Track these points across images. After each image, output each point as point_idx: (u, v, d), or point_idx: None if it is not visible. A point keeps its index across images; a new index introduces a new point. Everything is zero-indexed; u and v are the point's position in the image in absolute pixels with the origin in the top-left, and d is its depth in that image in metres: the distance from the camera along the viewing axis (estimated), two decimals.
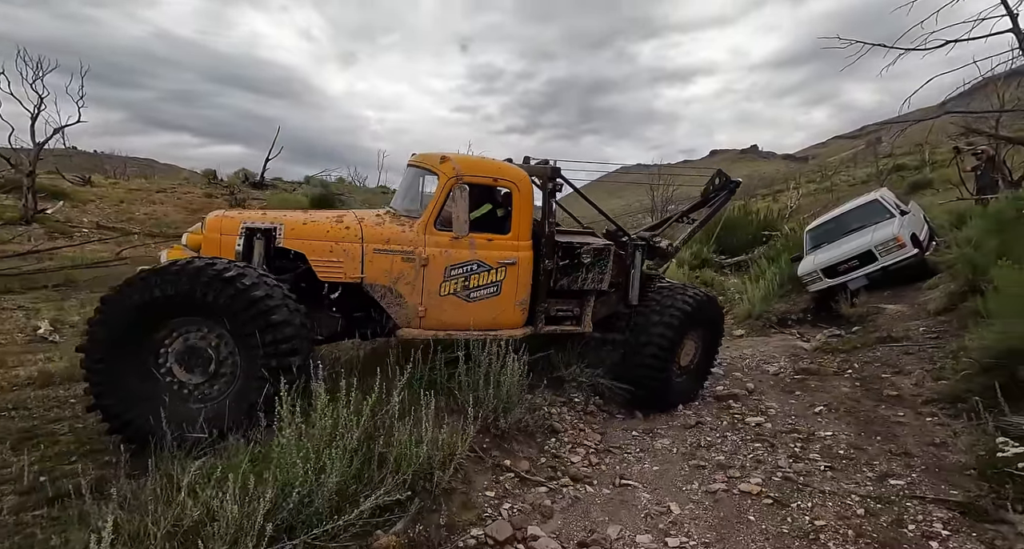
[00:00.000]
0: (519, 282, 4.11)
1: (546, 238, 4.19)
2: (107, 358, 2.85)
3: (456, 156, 4.09)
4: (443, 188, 3.87)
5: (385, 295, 3.74)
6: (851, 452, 3.67)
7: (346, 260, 3.64)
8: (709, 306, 4.92)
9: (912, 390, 4.79)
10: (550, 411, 4.17)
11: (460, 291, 3.91)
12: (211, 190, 23.78)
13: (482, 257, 3.95)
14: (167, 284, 2.88)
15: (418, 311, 3.82)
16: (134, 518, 2.04)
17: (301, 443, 2.36)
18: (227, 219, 3.64)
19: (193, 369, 3.05)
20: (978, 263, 6.52)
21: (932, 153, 27.40)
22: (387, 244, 3.75)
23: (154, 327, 2.98)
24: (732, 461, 3.66)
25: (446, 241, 3.86)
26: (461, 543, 2.58)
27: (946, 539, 2.63)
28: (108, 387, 2.85)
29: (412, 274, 3.77)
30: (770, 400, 4.92)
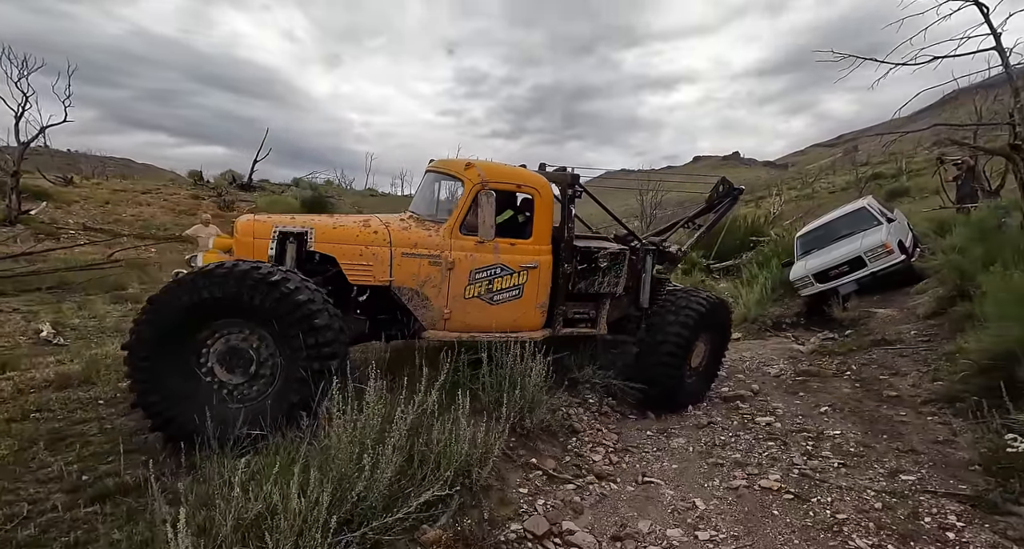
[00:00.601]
0: (540, 285, 4.22)
1: (565, 243, 4.30)
2: (152, 357, 2.86)
3: (480, 163, 4.18)
4: (469, 194, 3.95)
5: (412, 298, 3.80)
6: (861, 450, 3.83)
7: (375, 264, 3.70)
8: (720, 309, 5.08)
9: (910, 391, 4.99)
10: (568, 412, 4.26)
11: (484, 294, 3.99)
12: (197, 192, 23.47)
13: (505, 261, 4.04)
14: (214, 286, 2.90)
15: (443, 313, 3.88)
16: (198, 512, 2.07)
17: (355, 439, 2.41)
18: (259, 223, 3.66)
19: (234, 369, 3.07)
20: (965, 269, 6.81)
21: (908, 162, 28.35)
22: (415, 248, 3.81)
23: (198, 328, 3.00)
24: (748, 459, 3.79)
25: (471, 245, 3.94)
26: (503, 537, 2.65)
27: (961, 530, 2.78)
28: (152, 385, 2.86)
29: (438, 277, 3.84)
30: (776, 401, 5.08)
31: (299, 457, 2.34)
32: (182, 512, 1.89)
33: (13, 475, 2.67)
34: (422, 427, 2.91)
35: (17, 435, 3.13)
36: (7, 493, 2.49)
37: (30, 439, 3.08)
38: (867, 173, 28.75)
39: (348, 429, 2.46)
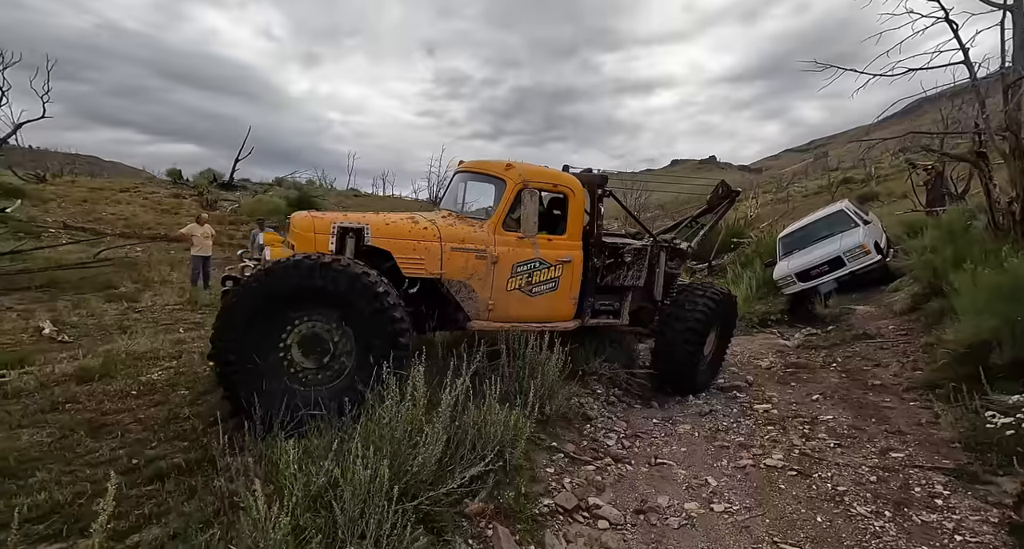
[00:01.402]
0: (573, 278, 4.48)
1: (595, 239, 4.59)
2: (240, 337, 2.98)
3: (518, 164, 4.44)
4: (511, 193, 4.19)
5: (460, 290, 4.00)
6: (853, 432, 4.14)
7: (427, 257, 3.86)
8: (729, 302, 5.43)
9: (893, 380, 5.36)
10: (581, 401, 4.46)
11: (524, 286, 4.24)
12: (178, 190, 23.00)
13: (543, 255, 4.30)
14: (303, 276, 3.06)
15: (488, 305, 4.10)
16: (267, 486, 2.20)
17: (407, 419, 2.57)
18: (318, 219, 3.79)
19: (311, 355, 3.22)
20: (937, 268, 7.28)
21: (877, 168, 29.53)
22: (462, 243, 4.01)
23: (284, 313, 3.14)
24: (751, 442, 4.06)
25: (513, 240, 4.18)
26: (536, 510, 2.84)
27: (947, 497, 3.08)
28: (238, 366, 2.98)
29: (484, 271, 4.05)
30: (770, 391, 5.38)
31: (355, 435, 2.48)
32: (257, 483, 2.03)
33: (64, 459, 2.74)
34: (457, 411, 3.09)
35: (54, 424, 3.18)
36: (64, 475, 2.56)
37: (68, 428, 3.14)
38: (838, 178, 29.81)
39: (401, 410, 2.61)
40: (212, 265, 9.98)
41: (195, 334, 5.99)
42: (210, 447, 2.89)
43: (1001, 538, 2.67)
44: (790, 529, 2.83)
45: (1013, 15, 6.68)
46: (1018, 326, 4.23)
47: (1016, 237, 6.58)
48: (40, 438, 2.98)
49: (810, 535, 2.77)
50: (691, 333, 4.92)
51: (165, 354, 4.91)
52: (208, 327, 6.48)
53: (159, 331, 5.92)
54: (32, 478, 2.51)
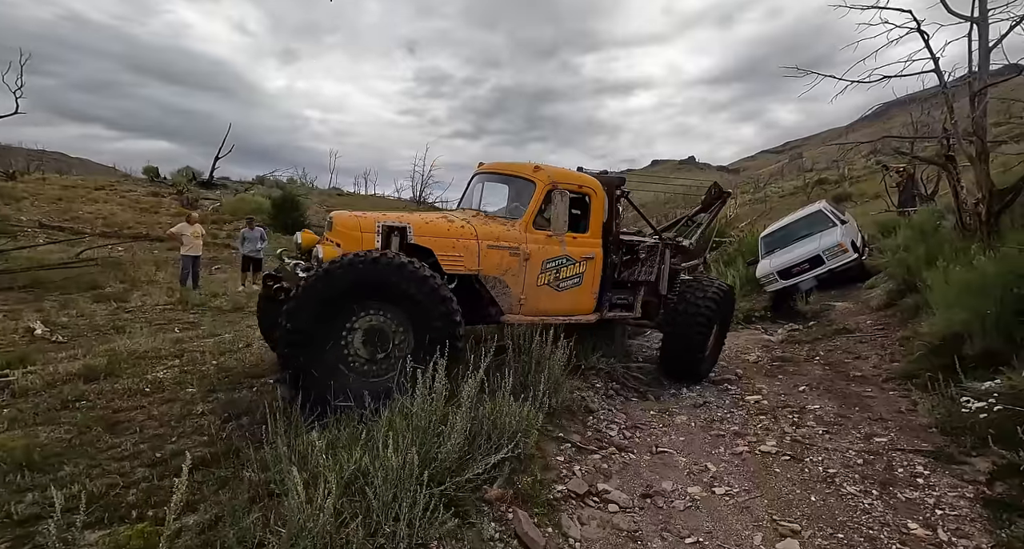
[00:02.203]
0: (595, 274, 4.77)
1: (613, 236, 4.91)
2: (308, 328, 3.10)
3: (545, 166, 4.70)
4: (540, 193, 4.44)
5: (495, 285, 4.19)
6: (839, 419, 4.38)
7: (466, 255, 4.04)
8: (730, 295, 5.77)
9: (873, 371, 5.66)
10: (583, 394, 4.62)
11: (552, 282, 4.48)
12: (156, 189, 22.48)
13: (570, 252, 4.57)
14: (369, 272, 3.24)
15: (520, 299, 4.32)
16: (302, 472, 2.29)
17: (431, 410, 2.68)
18: (363, 219, 3.93)
19: (372, 347, 3.38)
20: (910, 265, 7.67)
21: (850, 169, 30.52)
22: (497, 241, 4.21)
23: (353, 305, 3.29)
24: (745, 430, 4.27)
25: (543, 238, 4.42)
26: (551, 496, 2.97)
27: (928, 476, 3.32)
28: (306, 353, 3.09)
29: (517, 267, 4.27)
30: (759, 383, 5.62)
31: (382, 425, 2.58)
32: (295, 470, 2.12)
33: (88, 454, 2.77)
34: (472, 403, 3.21)
35: (69, 422, 3.19)
36: (92, 468, 2.60)
37: (84, 425, 3.16)
38: (813, 179, 30.68)
39: (428, 401, 2.72)
40: (201, 265, 9.85)
41: (192, 333, 5.97)
42: (231, 441, 2.96)
43: (977, 511, 2.91)
44: (788, 508, 3.03)
45: (979, 27, 7.08)
46: (987, 319, 4.54)
47: (983, 236, 6.97)
48: (58, 435, 2.99)
49: (806, 513, 2.97)
50: (699, 325, 5.21)
51: (167, 353, 4.91)
52: (204, 327, 6.47)
53: (155, 331, 5.88)
54: (60, 472, 2.54)
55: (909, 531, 2.75)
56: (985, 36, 7.00)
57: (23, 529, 2.06)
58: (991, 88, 7.24)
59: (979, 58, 7.05)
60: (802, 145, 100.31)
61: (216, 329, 6.22)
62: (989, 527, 2.73)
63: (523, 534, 2.59)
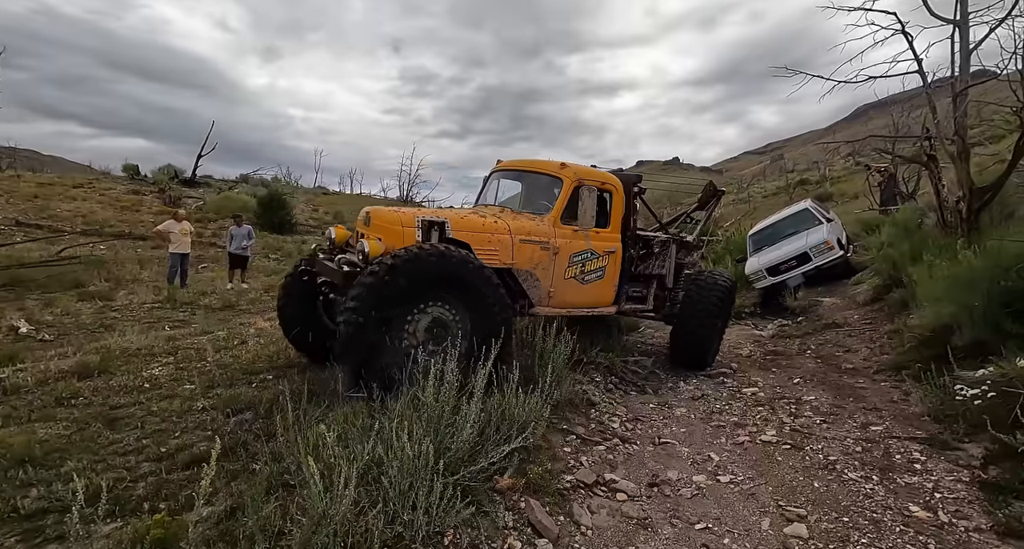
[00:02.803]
0: (616, 267, 4.98)
1: (631, 231, 5.13)
2: (372, 318, 3.14)
3: (571, 164, 4.85)
4: (568, 190, 4.60)
5: (527, 279, 4.29)
6: (835, 410, 4.48)
7: (500, 248, 4.14)
8: (734, 288, 6.10)
9: (863, 364, 5.79)
10: (584, 388, 4.65)
11: (578, 275, 4.65)
12: (137, 186, 21.97)
13: (594, 247, 4.75)
14: (434, 264, 3.35)
15: (548, 292, 4.45)
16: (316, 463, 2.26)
17: (444, 400, 2.67)
18: (403, 214, 4.01)
19: (434, 336, 3.48)
20: (896, 261, 7.87)
21: (830, 169, 31.19)
22: (529, 235, 4.32)
23: (416, 298, 3.38)
24: (745, 421, 4.33)
25: (570, 233, 4.58)
26: (559, 485, 2.98)
27: (925, 462, 3.41)
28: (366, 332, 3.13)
29: (547, 261, 4.40)
30: (754, 376, 5.71)
31: (394, 416, 2.56)
32: (311, 461, 2.09)
33: (90, 450, 2.70)
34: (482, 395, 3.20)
35: (66, 418, 3.10)
36: (96, 463, 2.53)
37: (83, 421, 3.07)
38: (795, 179, 31.27)
39: (441, 392, 2.71)
40: (189, 263, 9.66)
41: (185, 331, 5.85)
42: (237, 434, 2.91)
43: (974, 494, 3.00)
44: (792, 494, 3.08)
45: (960, 29, 7.29)
46: (975, 311, 4.68)
47: (964, 232, 7.19)
48: (57, 431, 2.91)
49: (810, 498, 3.03)
50: (712, 316, 5.46)
51: (160, 351, 4.80)
52: (196, 324, 6.34)
53: (146, 329, 5.75)
54: (63, 467, 2.47)
55: (911, 514, 2.82)
56: (966, 38, 7.22)
57: (31, 523, 2.00)
58: (971, 89, 7.48)
59: (960, 60, 7.27)
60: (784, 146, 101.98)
61: (208, 327, 6.11)
62: (987, 508, 2.81)
63: (536, 522, 2.60)
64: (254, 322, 6.63)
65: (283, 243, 17.17)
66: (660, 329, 7.95)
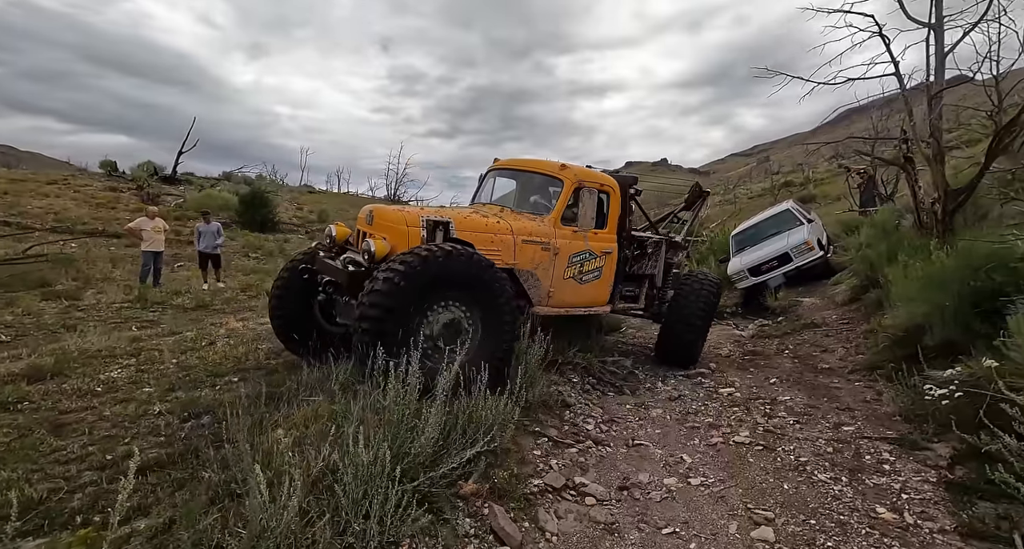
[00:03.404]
0: (612, 267, 5.06)
1: (626, 232, 5.21)
2: (393, 315, 3.14)
3: (571, 165, 4.91)
4: (568, 190, 4.65)
5: (528, 279, 4.33)
6: (808, 410, 4.47)
7: (503, 249, 4.16)
8: (721, 288, 6.24)
9: (839, 364, 5.82)
10: (559, 389, 4.59)
11: (576, 275, 4.71)
12: (114, 183, 21.45)
13: (592, 247, 4.81)
14: (451, 264, 3.35)
15: (548, 292, 4.51)
16: (266, 471, 2.16)
17: (406, 403, 2.58)
18: (407, 213, 4.00)
19: (448, 336, 3.49)
20: (873, 262, 7.94)
21: (813, 172, 31.61)
22: (530, 236, 4.35)
23: (432, 298, 3.39)
24: (719, 422, 4.30)
25: (570, 233, 4.64)
26: (527, 490, 2.91)
27: (894, 462, 3.41)
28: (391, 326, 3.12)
29: (547, 261, 4.44)
30: (732, 376, 5.71)
31: (352, 419, 2.47)
32: (257, 468, 1.99)
33: (29, 458, 2.56)
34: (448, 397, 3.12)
35: (8, 423, 2.96)
36: (32, 473, 2.40)
37: (26, 427, 2.93)
38: (779, 181, 31.69)
39: (401, 394, 2.61)
40: (163, 261, 9.42)
41: (152, 331, 5.68)
42: (190, 440, 2.80)
43: (940, 494, 2.99)
44: (761, 497, 3.05)
45: (935, 33, 7.38)
46: (946, 311, 4.71)
47: (939, 233, 7.27)
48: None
49: (779, 501, 2.99)
50: (702, 313, 5.58)
51: (122, 352, 4.64)
52: (164, 325, 6.16)
53: (110, 329, 5.56)
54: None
55: (877, 515, 2.80)
56: (941, 42, 7.30)
57: None
58: (947, 92, 7.57)
59: (936, 63, 7.35)
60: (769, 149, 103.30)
61: (177, 327, 5.93)
62: (952, 509, 2.80)
63: (499, 529, 2.52)
64: (226, 322, 6.47)
65: (264, 241, 16.89)
66: (643, 328, 7.96)
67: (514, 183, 5.36)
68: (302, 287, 4.41)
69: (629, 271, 5.47)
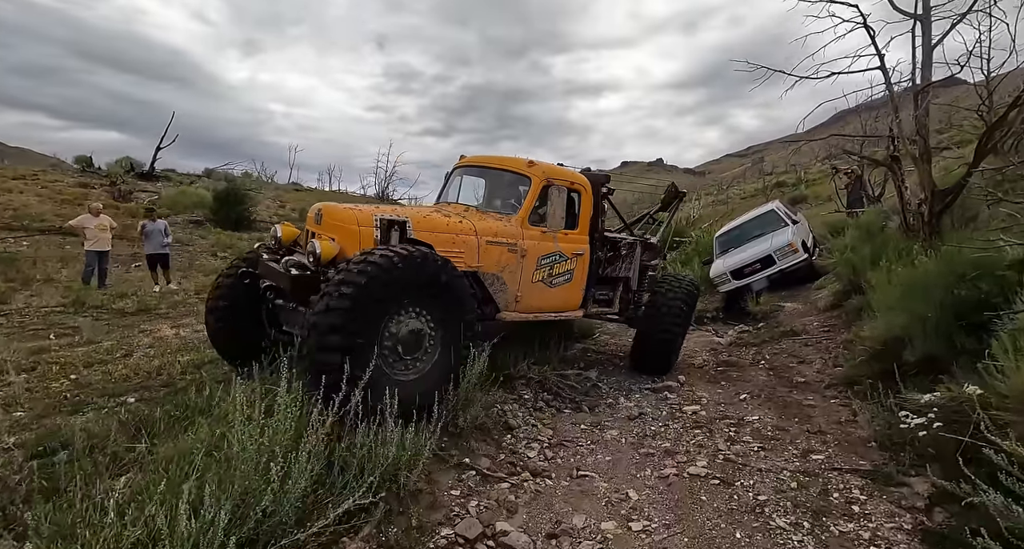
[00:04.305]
0: (584, 270, 4.81)
1: (599, 233, 4.96)
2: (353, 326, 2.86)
3: (539, 162, 4.61)
4: (536, 189, 4.41)
5: (493, 282, 4.08)
6: (776, 433, 4.06)
7: (466, 250, 3.89)
8: (698, 290, 6.01)
9: (816, 376, 5.41)
10: (504, 408, 4.15)
11: (546, 278, 4.48)
12: (86, 179, 20.76)
13: (562, 248, 4.57)
14: (412, 268, 3.07)
15: (516, 296, 4.26)
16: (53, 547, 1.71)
17: (262, 447, 2.13)
18: (359, 212, 3.67)
19: (409, 348, 3.23)
20: (856, 266, 7.56)
21: (806, 173, 31.39)
22: (496, 236, 4.10)
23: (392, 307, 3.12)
24: (677, 447, 3.88)
25: (538, 234, 4.41)
26: (432, 544, 2.47)
27: (864, 503, 2.99)
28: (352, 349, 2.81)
29: (514, 264, 4.20)
30: (700, 391, 5.29)
31: (193, 471, 2.01)
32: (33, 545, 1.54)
33: None
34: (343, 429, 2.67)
35: None
36: None
37: None
38: (772, 181, 31.49)
39: (255, 435, 2.16)
40: (112, 261, 8.89)
41: (66, 341, 5.19)
42: (31, 482, 2.33)
43: (915, 547, 2.57)
44: (709, 548, 2.62)
45: (923, 24, 6.98)
46: (928, 323, 4.31)
47: (925, 236, 6.90)
48: None
49: None
50: (678, 318, 5.34)
51: (16, 366, 4.15)
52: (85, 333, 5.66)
53: (17, 338, 5.06)
54: None
55: None
56: (928, 34, 6.91)
57: None
58: (935, 90, 7.19)
59: (923, 56, 6.96)
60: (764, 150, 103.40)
61: (97, 335, 5.44)
62: None
63: None
64: (157, 330, 5.98)
65: (237, 240, 16.32)
66: (617, 334, 7.54)
67: (488, 182, 5.06)
68: (244, 293, 4.02)
69: (602, 274, 5.22)
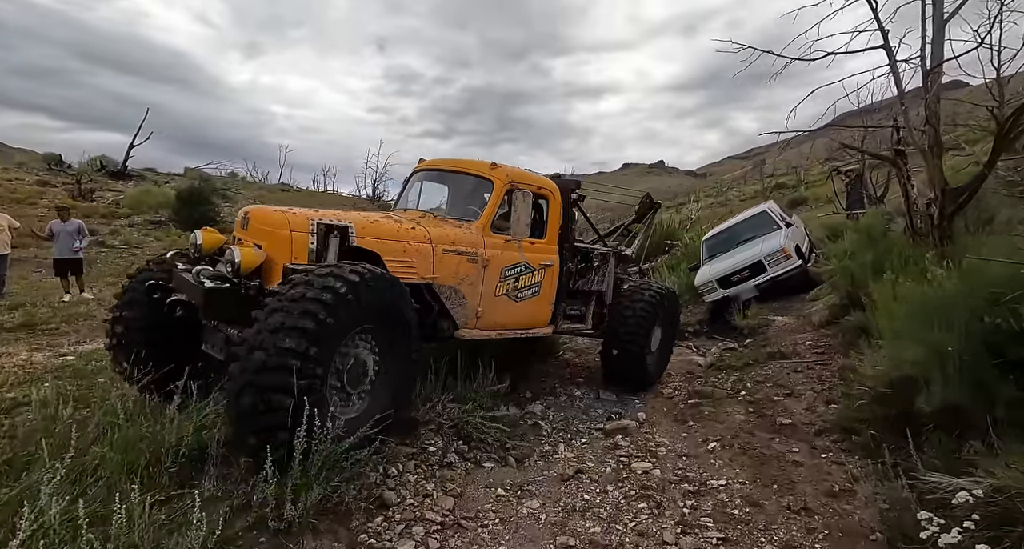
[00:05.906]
0: (552, 283, 4.45)
1: (569, 243, 4.62)
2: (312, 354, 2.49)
3: (502, 164, 4.21)
4: (498, 193, 4.03)
5: (451, 296, 3.70)
6: (747, 511, 3.04)
7: (419, 260, 3.51)
8: (670, 298, 5.47)
9: (804, 416, 4.40)
10: (386, 472, 3.14)
11: (511, 291, 4.11)
12: (49, 178, 19.77)
13: (528, 259, 4.21)
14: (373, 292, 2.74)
15: (476, 311, 3.87)
16: None
17: None
18: (292, 215, 3.21)
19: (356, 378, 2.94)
20: (856, 275, 6.54)
21: (806, 174, 30.45)
22: (453, 245, 3.73)
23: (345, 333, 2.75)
24: (609, 533, 2.86)
25: (501, 243, 4.03)
26: None
27: None
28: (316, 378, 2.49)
29: (475, 275, 3.82)
30: (661, 434, 4.28)
31: None
32: None
33: None
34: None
35: None
36: None
37: None
38: (772, 183, 30.62)
39: None
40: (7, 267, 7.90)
41: None
42: None
43: None
44: None
45: None
46: (949, 359, 3.28)
47: (935, 241, 5.90)
48: None
49: None
50: (634, 326, 4.83)
51: None
52: None
53: None
54: None
55: None
56: (940, 4, 5.90)
57: None
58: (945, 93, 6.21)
59: (933, 31, 5.93)
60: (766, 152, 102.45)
61: None
62: None
63: None
64: (17, 352, 5.00)
65: None
66: (584, 353, 6.54)
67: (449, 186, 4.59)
68: (155, 307, 3.39)
69: (573, 287, 4.88)
